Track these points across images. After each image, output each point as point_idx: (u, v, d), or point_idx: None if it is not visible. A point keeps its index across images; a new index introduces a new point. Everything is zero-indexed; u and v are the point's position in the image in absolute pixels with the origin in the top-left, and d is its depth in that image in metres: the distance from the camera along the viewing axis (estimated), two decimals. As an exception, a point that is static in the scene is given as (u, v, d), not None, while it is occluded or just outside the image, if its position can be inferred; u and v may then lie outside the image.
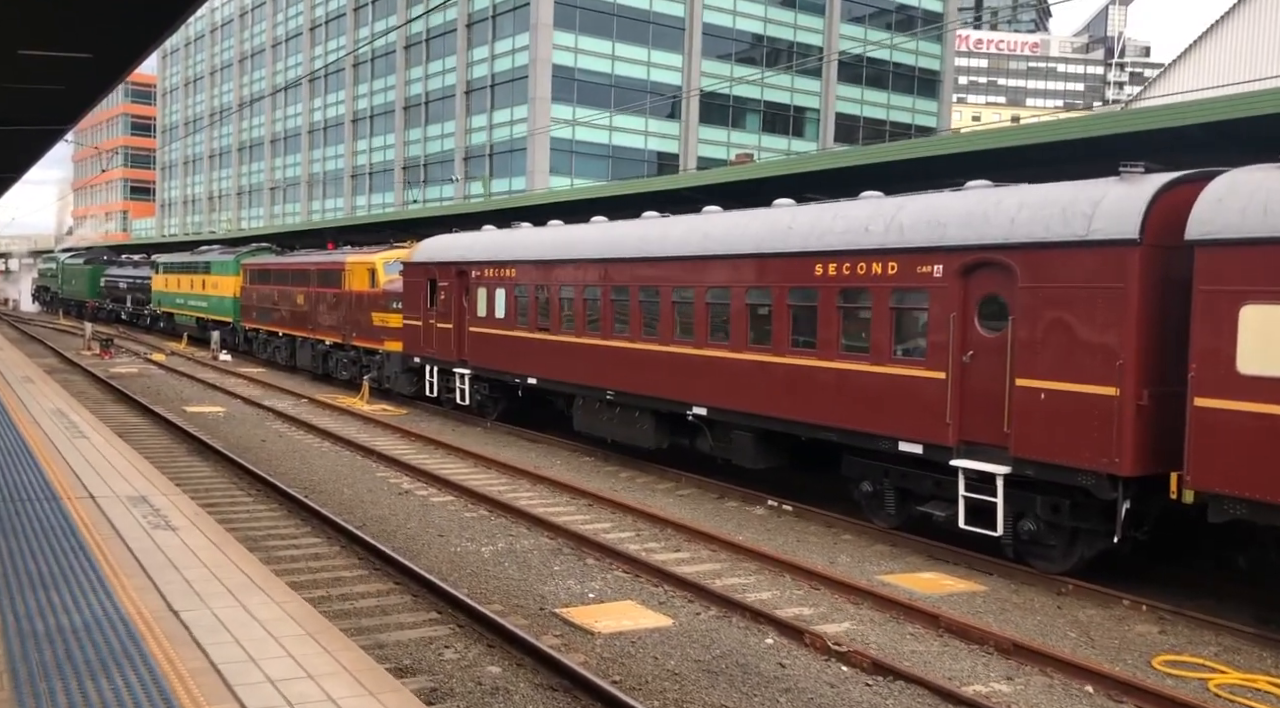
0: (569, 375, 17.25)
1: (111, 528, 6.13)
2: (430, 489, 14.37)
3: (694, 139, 56.75)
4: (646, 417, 15.55)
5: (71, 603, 4.73)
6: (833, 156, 16.49)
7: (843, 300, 11.90)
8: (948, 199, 11.04)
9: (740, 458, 13.79)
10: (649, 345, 15.17)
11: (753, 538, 12.01)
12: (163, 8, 8.40)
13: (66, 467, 8.34)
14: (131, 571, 5.27)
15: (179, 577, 5.19)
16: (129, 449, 9.44)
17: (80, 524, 6.19)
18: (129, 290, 49.83)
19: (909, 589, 9.97)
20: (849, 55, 59.99)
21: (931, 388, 10.73)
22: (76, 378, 26.85)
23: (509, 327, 19.05)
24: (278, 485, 13.47)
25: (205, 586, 5.03)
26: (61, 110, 12.85)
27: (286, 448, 17.47)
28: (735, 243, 13.57)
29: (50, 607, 4.64)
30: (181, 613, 4.60)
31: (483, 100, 55.60)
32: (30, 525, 6.22)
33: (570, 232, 17.87)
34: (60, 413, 11.90)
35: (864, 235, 11.59)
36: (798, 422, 12.53)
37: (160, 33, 9.87)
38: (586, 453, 17.61)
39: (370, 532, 11.59)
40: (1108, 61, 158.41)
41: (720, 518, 13.10)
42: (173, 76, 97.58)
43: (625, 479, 15.65)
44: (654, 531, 12.25)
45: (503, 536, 11.79)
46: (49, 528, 6.13)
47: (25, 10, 8.41)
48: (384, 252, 25.45)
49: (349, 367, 26.29)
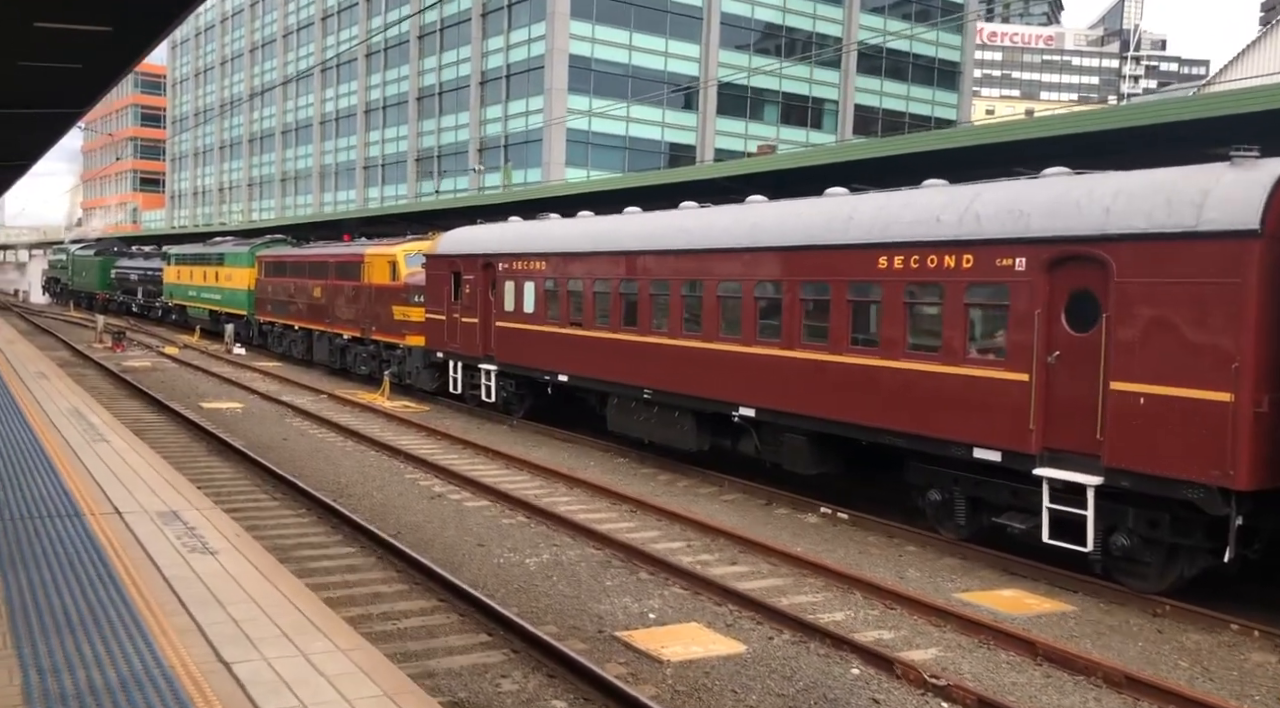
0: (603, 373, 16.52)
1: (143, 551, 5.43)
2: (463, 493, 13.67)
3: (711, 130, 55.89)
4: (687, 417, 14.81)
5: (104, 651, 4.04)
6: (889, 143, 15.69)
7: (910, 296, 11.13)
8: (1030, 187, 10.25)
9: (792, 463, 13.04)
10: (690, 342, 14.42)
11: (811, 549, 11.27)
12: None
13: (88, 476, 7.65)
14: (170, 607, 4.57)
15: (224, 615, 4.48)
16: (153, 455, 8.73)
17: (107, 547, 5.50)
18: (140, 282, 49.24)
19: (992, 609, 9.22)
20: (868, 46, 59.02)
21: (1012, 391, 9.96)
22: (89, 372, 26.23)
23: (539, 321, 18.31)
24: (305, 489, 12.78)
25: (256, 627, 4.32)
26: (77, 91, 12.14)
27: (309, 447, 16.78)
28: (787, 234, 12.80)
29: (80, 657, 3.95)
30: (234, 665, 3.90)
31: (498, 91, 54.82)
32: (52, 548, 5.53)
33: (605, 223, 17.12)
34: (77, 413, 11.22)
35: (935, 226, 10.82)
36: (858, 425, 11.78)
37: (183, 6, 9.14)
38: (620, 454, 16.89)
39: (407, 541, 10.88)
40: (1123, 55, 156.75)
41: (772, 527, 12.37)
42: (183, 67, 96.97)
43: (664, 483, 14.93)
44: (705, 540, 11.52)
45: (546, 545, 11.08)
46: (73, 552, 5.44)
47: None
48: (405, 243, 24.74)
49: (368, 361, 25.60)
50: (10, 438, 9.40)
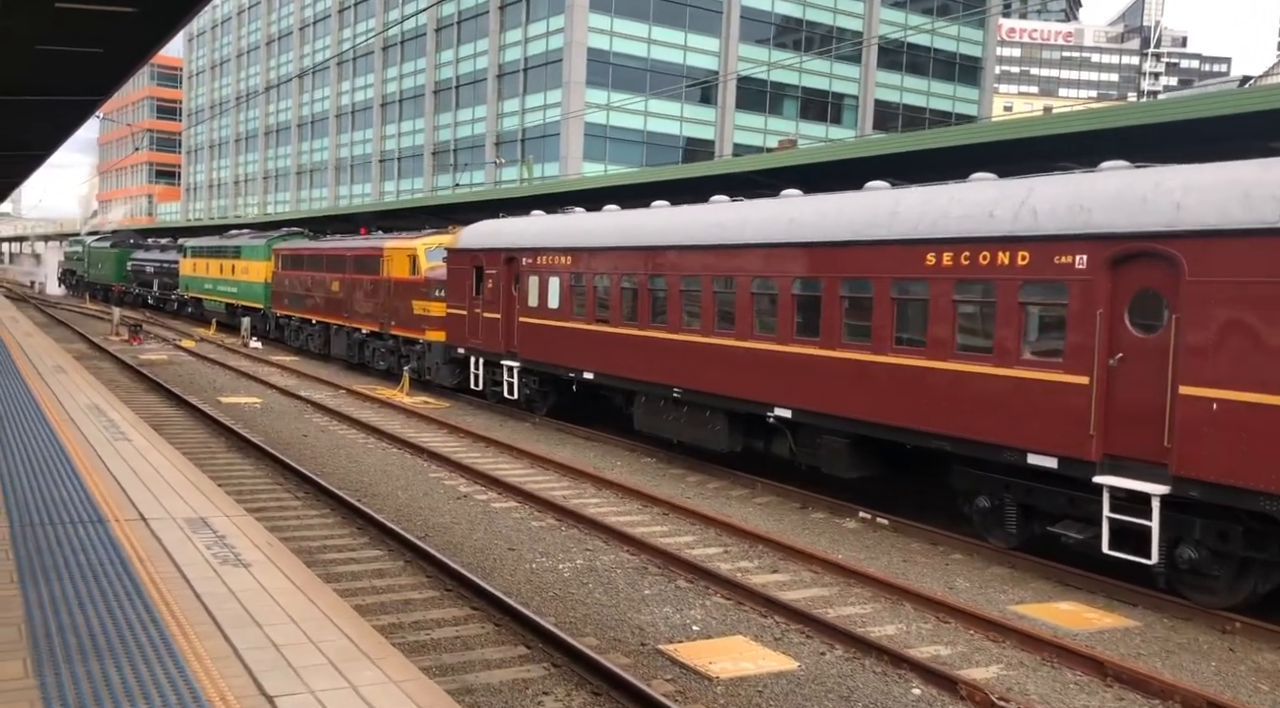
0: (630, 371, 16.12)
1: (172, 564, 5.06)
2: (490, 493, 13.29)
3: (730, 125, 55.37)
4: (719, 417, 14.39)
5: (134, 679, 3.66)
6: (942, 134, 15.19)
7: (960, 294, 10.67)
8: (1090, 180, 9.78)
9: (830, 466, 12.61)
10: (724, 340, 14.00)
11: (853, 556, 10.85)
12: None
13: (110, 477, 7.28)
14: (203, 628, 4.19)
15: (263, 638, 4.10)
16: (176, 455, 8.36)
17: (134, 558, 5.13)
18: (156, 275, 49.11)
19: (1051, 623, 8.78)
20: (889, 40, 58.36)
21: (1070, 394, 9.51)
22: (106, 365, 26.00)
23: (564, 317, 17.92)
24: (329, 488, 12.43)
25: (299, 653, 3.94)
26: (97, 77, 11.79)
27: (330, 444, 16.45)
28: (827, 229, 12.36)
29: (107, 686, 3.58)
30: (278, 699, 3.51)
31: (515, 84, 54.44)
32: (76, 559, 5.16)
33: (632, 217, 16.70)
34: (97, 409, 10.88)
35: (987, 221, 10.35)
36: (902, 428, 11.33)
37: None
38: (647, 453, 16.50)
39: (435, 544, 10.51)
40: (1144, 52, 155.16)
41: (810, 532, 11.95)
42: (199, 59, 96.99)
43: (695, 484, 14.52)
44: (743, 546, 11.11)
45: (579, 550, 10.69)
46: (97, 564, 5.07)
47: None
48: (425, 237, 24.38)
49: (387, 356, 25.28)
50: (29, 436, 9.07)
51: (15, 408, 10.48)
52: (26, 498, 6.52)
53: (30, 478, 7.16)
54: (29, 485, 6.90)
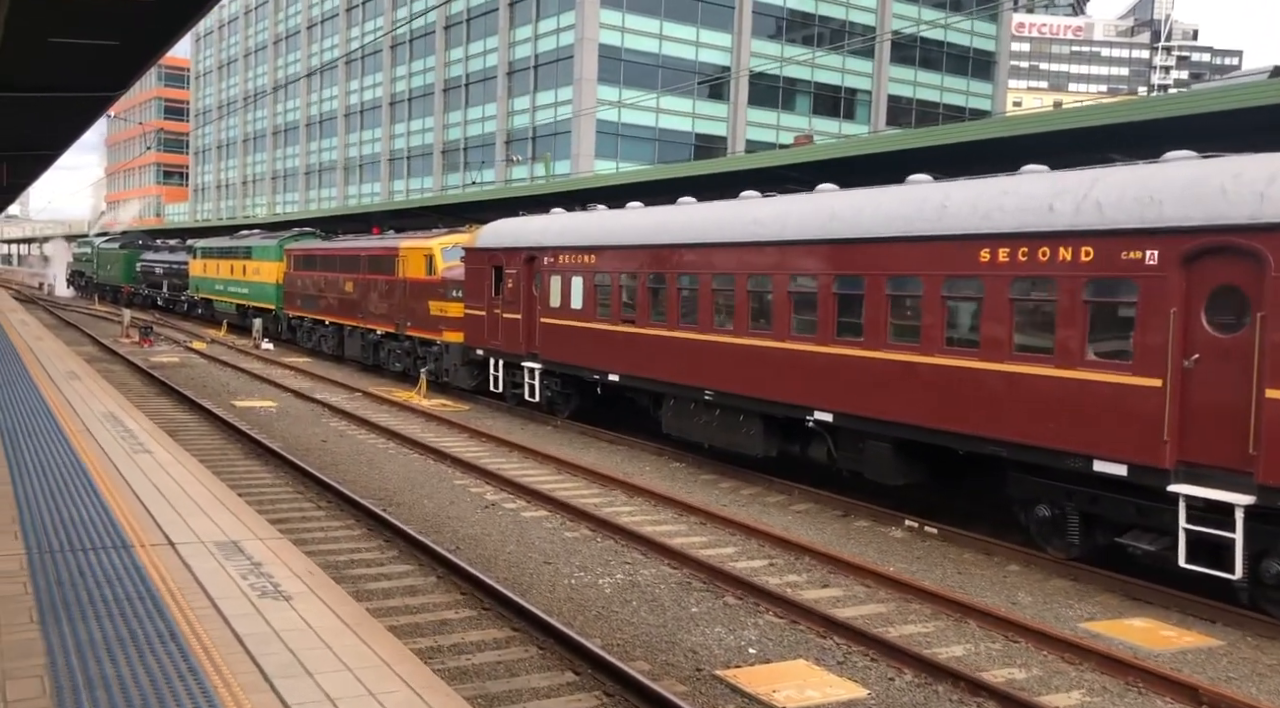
0: (659, 373, 15.62)
1: (206, 598, 4.58)
2: (519, 501, 12.81)
3: (743, 121, 54.80)
4: (753, 421, 13.88)
5: (176, 748, 3.19)
6: (986, 126, 14.64)
7: (1017, 292, 10.15)
8: (1160, 171, 9.24)
9: (874, 472, 12.09)
10: (758, 341, 13.49)
11: (905, 568, 10.34)
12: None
13: (131, 495, 6.80)
14: (248, 678, 3.71)
15: (317, 692, 3.61)
16: (201, 469, 7.86)
17: (164, 591, 4.65)
18: (165, 275, 48.77)
19: (1128, 643, 8.26)
20: (902, 35, 57.71)
21: (1141, 398, 8.97)
22: (117, 368, 25.60)
23: (587, 318, 17.43)
24: (352, 497, 11.96)
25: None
26: (112, 71, 11.32)
27: (350, 449, 15.98)
28: (870, 225, 11.83)
29: (146, 757, 3.11)
30: (344, 773, 3.04)
31: (525, 82, 53.95)
32: (99, 592, 4.68)
33: (661, 214, 16.20)
34: (113, 418, 10.42)
35: (1047, 215, 9.82)
36: (954, 433, 10.81)
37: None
38: (675, 458, 16.00)
39: (467, 557, 10.04)
40: (1154, 45, 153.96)
41: (855, 541, 11.44)
42: (206, 59, 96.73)
43: (728, 491, 14.02)
44: (788, 558, 10.61)
45: (617, 563, 10.20)
46: (124, 599, 4.59)
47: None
48: (442, 236, 23.91)
49: (402, 358, 24.82)
50: (46, 449, 8.59)
51: (30, 418, 10.03)
52: (44, 520, 6.04)
53: (48, 497, 6.68)
54: (47, 506, 6.43)
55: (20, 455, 8.13)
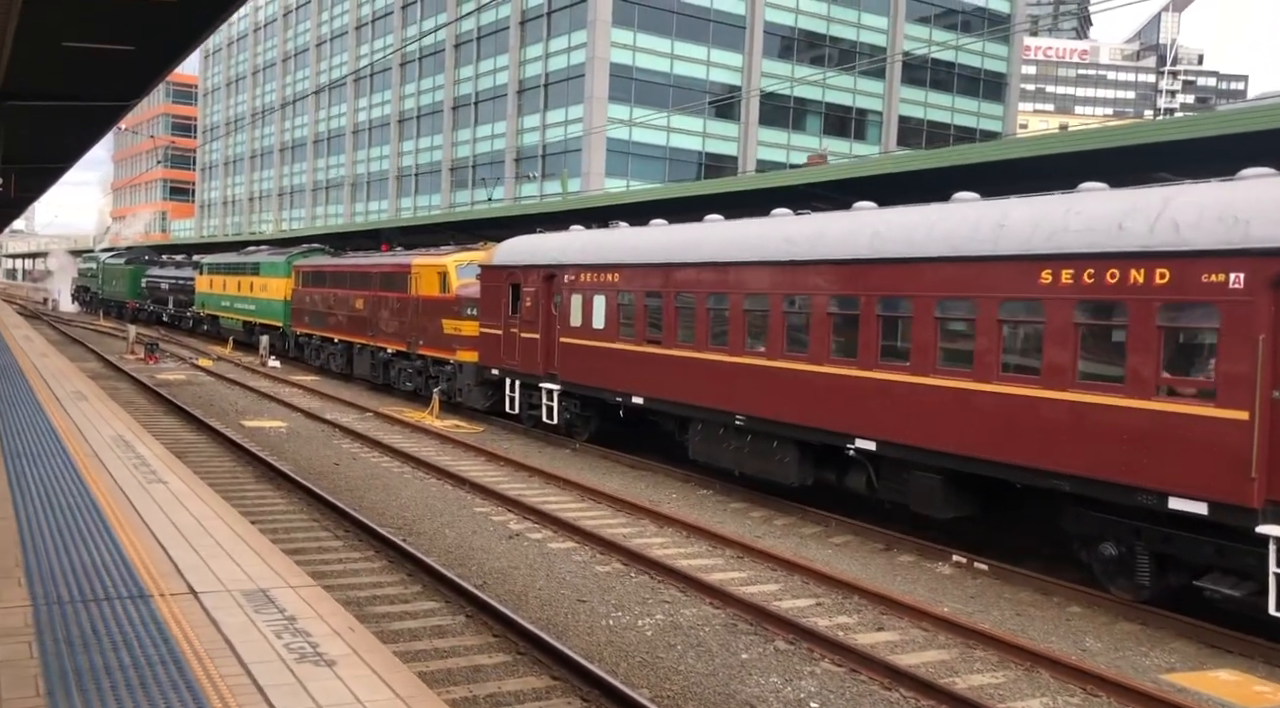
0: (686, 396, 15.04)
1: (237, 662, 3.98)
2: (544, 531, 12.20)
3: (754, 141, 54.51)
4: (788, 448, 13.28)
5: None
6: (1044, 141, 14.13)
7: (1083, 315, 9.58)
8: (1244, 189, 8.70)
9: (921, 504, 11.48)
10: (795, 365, 12.92)
11: (959, 609, 9.72)
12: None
13: (147, 533, 6.19)
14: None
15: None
16: (220, 502, 7.23)
17: (188, 653, 4.05)
18: (171, 291, 48.31)
19: (1217, 698, 7.64)
20: (913, 56, 57.54)
21: (1224, 431, 8.38)
22: (123, 386, 25.05)
23: (610, 338, 16.87)
24: (370, 526, 11.35)
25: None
26: (128, 78, 10.83)
27: (364, 473, 15.38)
28: (919, 244, 11.29)
29: None
30: None
31: (536, 100, 53.71)
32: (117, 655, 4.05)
33: (689, 231, 15.67)
34: (123, 443, 9.83)
35: (1116, 235, 9.27)
36: (1011, 465, 10.20)
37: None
38: (701, 484, 15.39)
39: (496, 593, 9.43)
40: (1160, 69, 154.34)
41: (902, 578, 10.82)
42: (214, 76, 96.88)
43: (760, 520, 13.41)
44: (835, 596, 9.98)
45: (655, 601, 9.58)
46: (144, 663, 3.98)
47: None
48: (456, 253, 23.40)
49: (414, 377, 24.25)
50: (53, 479, 7.97)
51: (36, 443, 9.44)
52: (52, 563, 5.44)
53: (56, 535, 6.08)
54: (55, 545, 5.84)
55: (25, 485, 7.53)
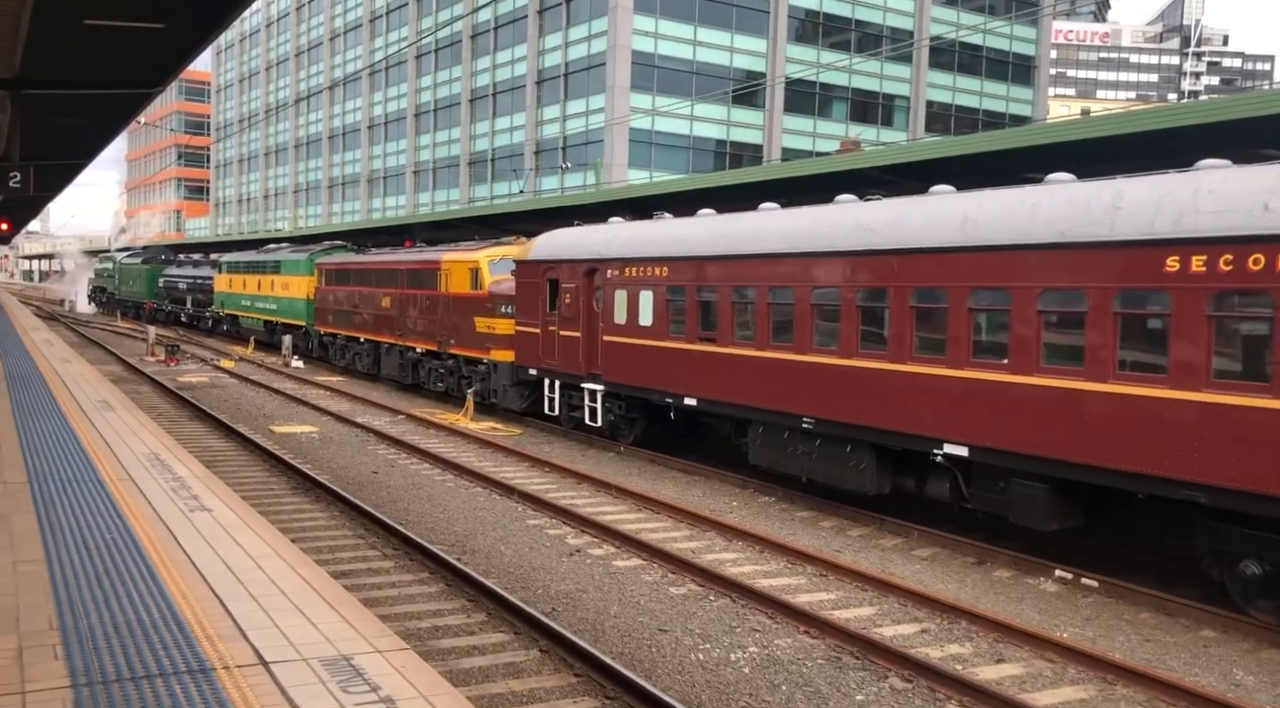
0: (745, 397, 14.10)
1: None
2: (605, 546, 11.30)
3: (778, 128, 53.36)
4: (864, 453, 12.32)
5: None
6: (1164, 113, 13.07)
7: (1218, 307, 8.58)
8: None
9: (1022, 515, 10.50)
10: (872, 363, 11.95)
11: (1078, 633, 8.78)
12: None
13: (197, 577, 5.29)
14: None
15: None
16: (277, 536, 6.26)
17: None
18: (189, 291, 47.66)
19: None
20: (941, 40, 56.19)
21: (1400, 437, 7.37)
22: (145, 389, 24.32)
23: (658, 336, 15.94)
24: (420, 543, 10.47)
25: None
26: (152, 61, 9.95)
27: (405, 482, 14.52)
28: (1019, 229, 10.29)
29: None
30: None
31: (555, 90, 52.72)
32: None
33: (747, 221, 14.70)
34: (158, 461, 8.96)
35: (1261, 216, 8.26)
36: (1132, 473, 9.22)
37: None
38: (761, 491, 14.46)
39: (568, 622, 8.54)
40: (1184, 51, 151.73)
41: (1004, 597, 9.86)
42: (227, 73, 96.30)
43: (833, 531, 12.47)
44: (939, 621, 9.04)
45: (744, 630, 8.65)
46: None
47: None
48: (488, 248, 22.51)
49: (445, 378, 23.39)
50: (86, 508, 7.04)
51: (64, 464, 8.57)
52: (93, 624, 4.54)
53: (94, 583, 5.18)
54: (94, 597, 4.94)
55: (56, 517, 6.62)
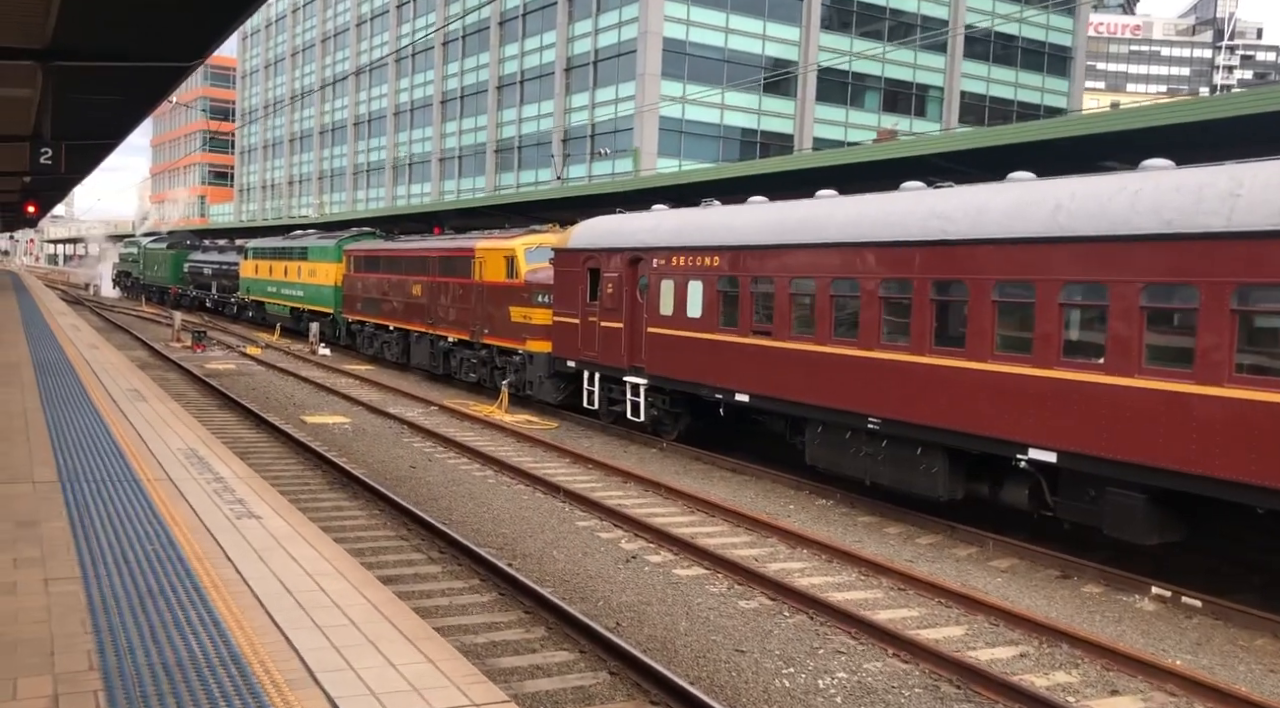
0: (802, 394, 13.37)
1: None
2: (663, 552, 10.63)
3: (810, 118, 52.43)
4: (936, 456, 11.58)
5: None
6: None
7: (1358, 307, 7.78)
8: None
9: (1118, 527, 9.74)
10: (949, 361, 11.20)
11: (1191, 662, 8.05)
12: None
13: (252, 601, 4.62)
14: None
15: None
16: (336, 550, 5.51)
17: None
18: (214, 277, 47.33)
19: None
20: (976, 29, 54.98)
21: None
22: (173, 376, 23.86)
23: (708, 329, 15.23)
24: (469, 546, 9.84)
25: None
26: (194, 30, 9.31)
27: (445, 478, 13.90)
28: (1120, 219, 9.51)
29: None
30: None
31: (584, 78, 51.97)
32: None
33: (805, 209, 13.95)
34: (196, 458, 8.35)
35: None
36: (1256, 487, 8.44)
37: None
38: (818, 493, 13.75)
39: (636, 640, 7.88)
40: (1216, 44, 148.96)
41: (1100, 616, 9.12)
42: (253, 59, 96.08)
43: (900, 538, 11.75)
44: (1037, 644, 8.31)
45: (828, 652, 7.96)
46: None
47: None
48: (524, 236, 21.84)
49: (478, 368, 22.77)
50: (123, 515, 6.31)
51: (97, 462, 7.93)
52: (137, 660, 3.84)
53: (138, 607, 4.45)
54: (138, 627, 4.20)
55: (91, 525, 5.95)
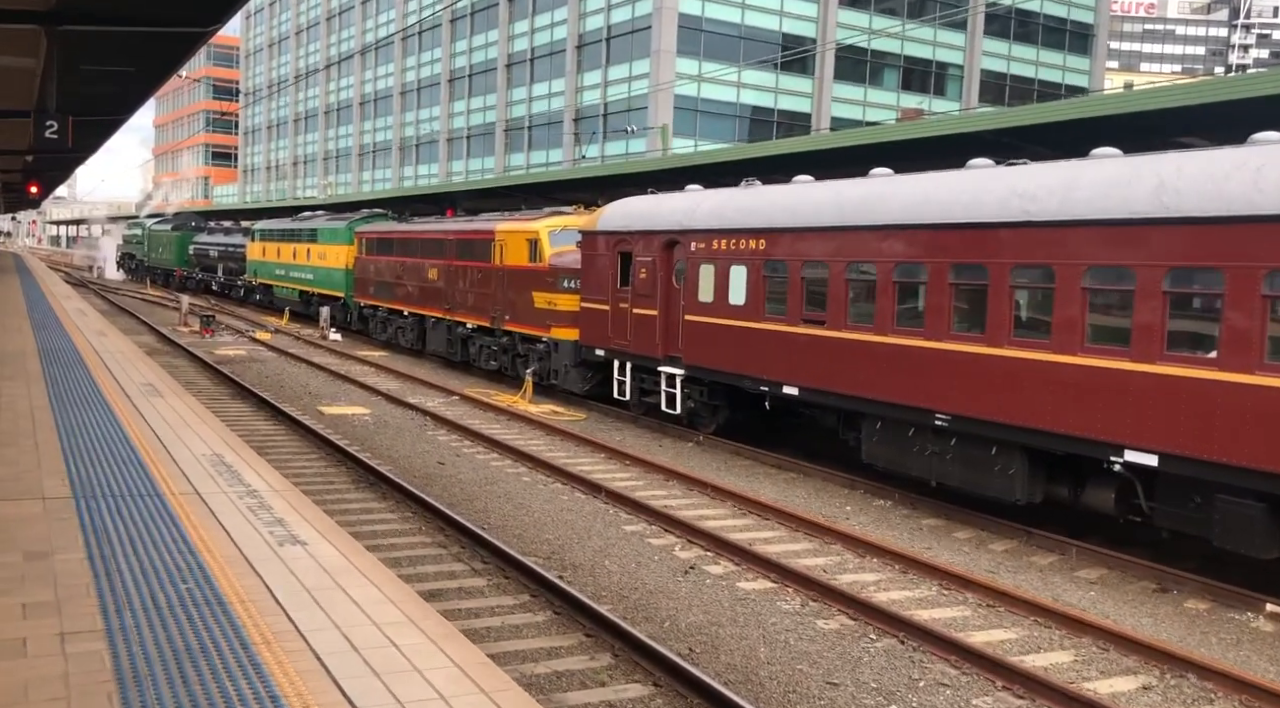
0: (859, 387, 12.51)
1: None
2: (722, 562, 9.80)
3: (828, 97, 51.26)
4: (1013, 456, 10.72)
5: None
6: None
7: None
8: None
9: (1230, 538, 8.88)
10: (1031, 354, 10.32)
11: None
12: None
13: (316, 667, 3.74)
14: None
15: None
16: (408, 594, 4.54)
17: None
18: (220, 259, 46.43)
19: None
20: (996, 6, 53.66)
21: None
22: (181, 363, 23.04)
23: (752, 317, 14.35)
24: (517, 558, 9.01)
25: None
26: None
27: (476, 477, 13.07)
28: (1240, 197, 8.60)
29: None
30: None
31: (597, 55, 50.79)
32: None
33: (860, 187, 13.04)
34: (224, 466, 7.47)
35: None
36: (1397, 497, 7.57)
37: None
38: (874, 491, 12.92)
39: (713, 670, 7.06)
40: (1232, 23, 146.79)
41: (1218, 639, 8.30)
42: (256, 38, 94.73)
43: (972, 544, 10.92)
44: (1159, 673, 7.48)
45: (929, 685, 7.13)
46: None
47: None
48: (548, 217, 20.92)
49: (498, 356, 21.92)
50: (149, 544, 5.22)
51: (114, 470, 6.96)
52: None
53: (173, 675, 3.44)
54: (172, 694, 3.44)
55: (112, 555, 4.98)
